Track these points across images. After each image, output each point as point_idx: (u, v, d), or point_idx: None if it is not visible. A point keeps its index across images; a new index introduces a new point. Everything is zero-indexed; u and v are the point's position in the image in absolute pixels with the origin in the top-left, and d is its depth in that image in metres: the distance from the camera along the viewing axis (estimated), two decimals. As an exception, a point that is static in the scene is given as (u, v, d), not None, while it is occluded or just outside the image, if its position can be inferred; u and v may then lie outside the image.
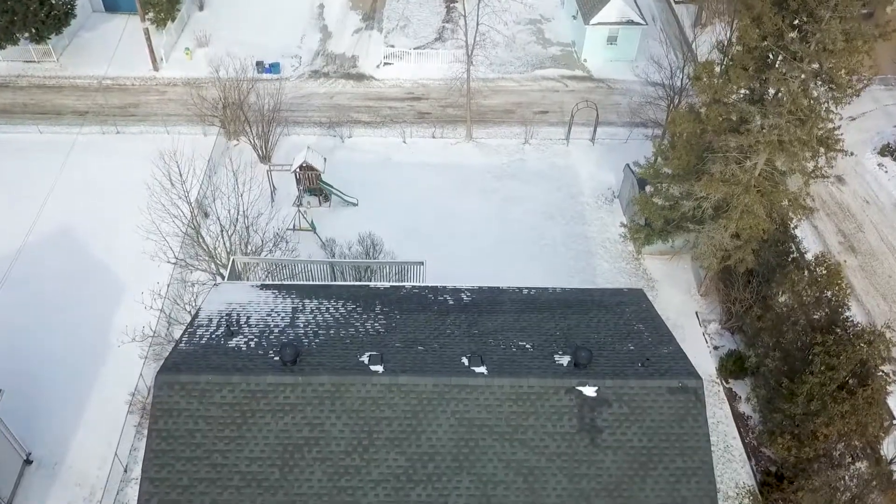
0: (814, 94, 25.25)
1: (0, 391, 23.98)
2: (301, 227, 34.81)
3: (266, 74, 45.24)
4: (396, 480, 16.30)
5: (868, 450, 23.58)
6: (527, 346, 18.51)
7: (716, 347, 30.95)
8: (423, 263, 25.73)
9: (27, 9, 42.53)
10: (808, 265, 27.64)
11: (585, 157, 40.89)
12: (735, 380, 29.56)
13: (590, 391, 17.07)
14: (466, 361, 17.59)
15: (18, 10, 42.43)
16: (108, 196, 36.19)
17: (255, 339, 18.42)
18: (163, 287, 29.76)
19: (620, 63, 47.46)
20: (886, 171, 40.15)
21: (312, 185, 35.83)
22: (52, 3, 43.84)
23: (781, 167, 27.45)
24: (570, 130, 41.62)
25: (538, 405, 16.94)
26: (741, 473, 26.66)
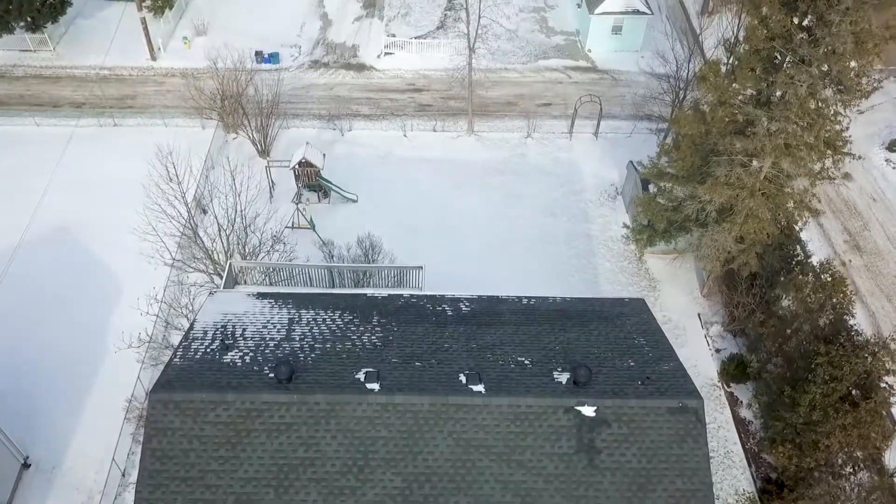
0: (822, 97, 24.71)
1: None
2: (300, 225, 34.44)
3: (265, 65, 44.64)
4: (392, 502, 16.17)
5: (870, 461, 23.36)
6: (525, 362, 18.27)
7: (718, 350, 30.65)
8: (423, 268, 25.45)
9: (23, -3, 41.92)
10: (813, 269, 27.21)
11: (588, 152, 40.33)
12: (736, 384, 29.28)
13: (588, 411, 16.86)
14: (464, 379, 17.37)
15: (14, -2, 41.83)
16: (106, 191, 35.75)
17: (251, 354, 18.21)
18: (159, 291, 29.48)
19: (625, 53, 46.68)
20: (894, 168, 39.56)
21: (311, 182, 35.39)
22: (49, -9, 43.27)
23: (787, 170, 26.95)
24: (574, 124, 41.02)
25: (536, 425, 16.73)
26: (741, 480, 26.48)
